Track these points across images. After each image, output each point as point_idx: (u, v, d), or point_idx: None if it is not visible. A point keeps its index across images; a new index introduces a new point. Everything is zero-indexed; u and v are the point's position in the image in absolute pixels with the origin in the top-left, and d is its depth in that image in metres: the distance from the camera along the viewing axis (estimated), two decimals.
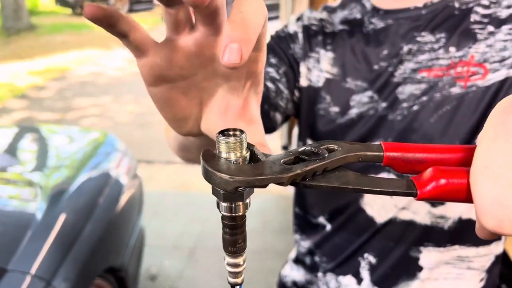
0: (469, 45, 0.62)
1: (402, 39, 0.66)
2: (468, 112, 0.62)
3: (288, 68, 0.72)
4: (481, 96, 0.61)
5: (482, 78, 0.61)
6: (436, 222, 0.67)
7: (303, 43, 0.74)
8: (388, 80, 0.66)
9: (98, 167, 1.92)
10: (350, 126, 0.69)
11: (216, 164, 0.27)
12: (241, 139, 0.28)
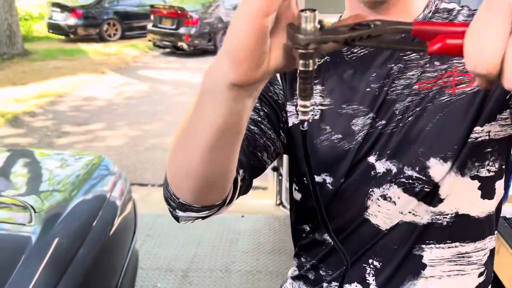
0: (452, 58, 0.69)
1: (389, 60, 0.71)
2: (460, 116, 0.67)
3: (270, 109, 0.75)
4: (471, 101, 0.67)
5: (469, 86, 0.67)
6: (436, 219, 0.72)
7: (284, 85, 0.77)
8: (385, 98, 0.71)
9: (92, 190, 1.94)
10: (357, 149, 0.72)
11: (297, 30, 0.39)
12: (315, 14, 0.38)
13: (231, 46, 0.39)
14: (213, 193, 0.58)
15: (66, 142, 4.79)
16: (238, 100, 0.44)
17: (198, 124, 0.49)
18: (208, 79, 0.45)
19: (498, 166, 0.72)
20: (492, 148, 0.70)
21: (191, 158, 0.52)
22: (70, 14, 10.43)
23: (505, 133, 0.70)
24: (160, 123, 5.40)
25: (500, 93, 0.67)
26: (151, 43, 10.04)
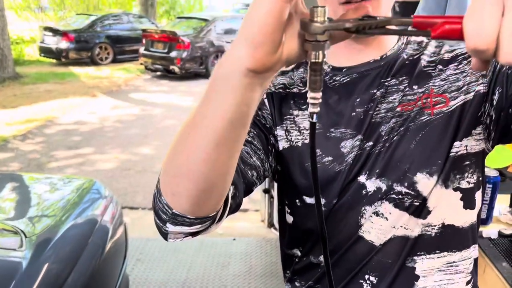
0: (427, 82, 0.75)
1: (371, 87, 0.77)
2: (440, 133, 0.73)
3: (259, 131, 0.78)
4: (449, 119, 0.73)
5: (445, 105, 0.74)
6: (425, 231, 0.76)
7: (272, 110, 0.81)
8: (371, 121, 0.76)
9: (83, 214, 1.93)
10: (348, 170, 0.76)
11: (312, 20, 0.44)
12: (325, 9, 0.44)
13: (250, 31, 0.42)
14: (211, 199, 0.57)
15: (56, 166, 4.77)
16: (251, 88, 0.46)
17: (208, 114, 0.49)
18: (221, 68, 0.46)
19: (476, 178, 0.77)
20: (470, 161, 0.75)
21: (195, 154, 0.51)
22: (62, 38, 10.50)
23: (480, 147, 0.76)
24: (151, 146, 5.41)
25: (474, 111, 0.73)
26: (143, 67, 10.12)
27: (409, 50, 0.79)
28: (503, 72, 0.70)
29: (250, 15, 0.43)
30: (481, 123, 0.74)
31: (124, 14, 12.28)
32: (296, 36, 0.46)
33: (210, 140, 0.50)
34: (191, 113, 0.52)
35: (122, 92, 8.46)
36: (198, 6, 19.28)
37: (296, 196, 0.82)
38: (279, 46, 0.44)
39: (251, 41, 0.43)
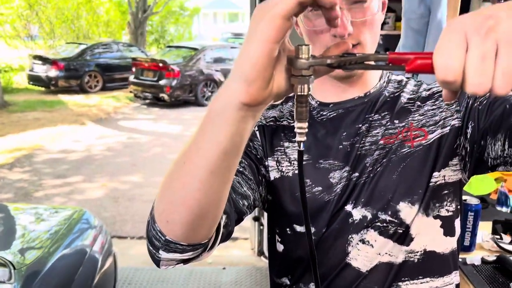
0: (407, 117, 0.82)
1: (356, 121, 0.82)
2: (420, 165, 0.78)
3: (250, 161, 0.82)
4: (427, 151, 0.79)
5: (424, 138, 0.79)
6: (408, 257, 0.80)
7: (263, 142, 0.86)
8: (357, 154, 0.81)
9: (73, 245, 1.93)
10: (337, 200, 0.81)
11: (297, 56, 0.48)
12: (309, 47, 0.49)
13: (244, 68, 0.47)
14: (204, 226, 0.59)
15: (43, 195, 4.72)
16: (244, 120, 0.50)
17: (203, 145, 0.52)
18: (216, 102, 0.51)
19: (455, 206, 0.82)
20: (448, 191, 0.81)
21: (190, 182, 0.54)
22: (52, 66, 10.54)
23: (457, 177, 0.81)
24: (140, 174, 5.40)
25: (450, 143, 0.79)
26: (132, 95, 10.17)
27: (390, 88, 0.86)
28: (475, 107, 0.76)
29: (244, 54, 0.47)
30: (457, 155, 0.79)
31: (114, 43, 12.41)
32: (284, 71, 0.51)
33: (205, 168, 0.53)
34: (187, 143, 0.56)
35: (111, 120, 8.48)
36: (187, 35, 19.59)
37: (287, 225, 0.85)
38: (270, 81, 0.49)
39: (245, 77, 0.47)
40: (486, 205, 1.81)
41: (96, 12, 16.87)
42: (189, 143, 0.55)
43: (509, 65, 0.38)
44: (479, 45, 0.38)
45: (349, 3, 0.73)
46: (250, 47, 0.47)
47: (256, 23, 0.46)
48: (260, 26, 0.46)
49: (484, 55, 0.38)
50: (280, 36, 0.46)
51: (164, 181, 0.58)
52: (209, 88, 9.81)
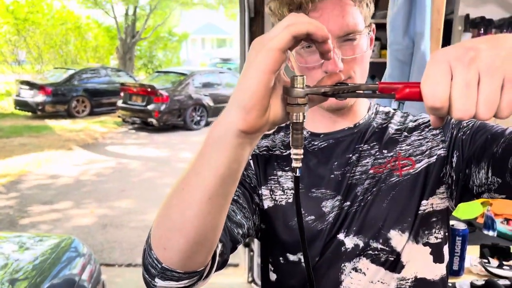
0: (395, 147, 0.85)
1: (347, 151, 0.85)
2: (408, 193, 0.81)
3: (244, 189, 0.84)
4: (415, 180, 0.81)
5: (412, 168, 0.82)
6: (400, 284, 0.81)
7: (257, 171, 0.88)
8: (348, 183, 0.83)
9: (61, 275, 1.90)
10: (329, 229, 0.82)
11: (293, 86, 0.52)
12: (303, 77, 0.52)
13: (242, 98, 0.49)
14: (200, 253, 0.59)
15: (29, 222, 4.64)
16: (242, 147, 0.52)
17: (202, 171, 0.54)
18: (215, 129, 0.53)
19: (443, 233, 0.85)
20: (436, 218, 0.83)
21: (188, 208, 0.55)
22: (39, 92, 10.51)
23: (444, 205, 0.84)
24: (128, 200, 5.35)
25: (437, 172, 0.82)
26: (120, 119, 10.16)
27: (378, 119, 0.89)
28: (459, 137, 0.80)
29: (242, 84, 0.50)
30: (444, 183, 0.82)
31: (102, 68, 12.46)
32: (280, 101, 0.53)
33: (203, 194, 0.54)
34: (185, 171, 0.57)
35: (99, 145, 8.43)
36: (176, 60, 19.76)
37: (280, 254, 0.87)
38: (267, 110, 0.51)
39: (244, 106, 0.50)
40: (473, 229, 1.84)
41: (84, 37, 16.98)
42: (188, 170, 0.56)
43: (490, 93, 0.41)
44: (463, 74, 0.42)
45: (340, 41, 0.77)
46: (248, 78, 0.49)
47: (254, 55, 0.49)
48: (258, 58, 0.48)
49: (468, 83, 0.42)
50: (277, 68, 0.49)
51: (161, 208, 0.59)
52: (198, 112, 9.86)
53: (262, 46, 0.49)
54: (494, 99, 0.42)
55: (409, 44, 1.46)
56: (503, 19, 2.35)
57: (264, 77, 0.48)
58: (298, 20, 0.49)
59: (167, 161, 7.24)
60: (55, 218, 4.75)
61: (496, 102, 0.42)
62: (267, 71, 0.48)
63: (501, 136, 0.72)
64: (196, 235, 0.56)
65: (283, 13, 0.79)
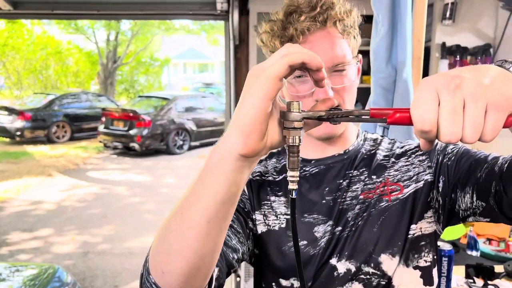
0: (383, 172, 0.88)
1: (337, 177, 0.88)
2: (398, 218, 0.84)
3: (239, 214, 0.85)
4: (404, 204, 0.84)
5: (400, 193, 0.85)
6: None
7: (251, 196, 0.90)
8: (340, 208, 0.85)
9: None
10: (321, 254, 0.84)
11: (290, 110, 0.54)
12: (299, 103, 0.55)
13: (242, 123, 0.52)
14: (198, 276, 0.60)
15: (7, 251, 4.50)
16: (241, 170, 0.54)
17: (201, 195, 0.55)
18: (215, 155, 0.55)
19: (432, 257, 0.87)
20: (425, 242, 0.86)
21: (187, 232, 0.56)
22: (18, 117, 10.35)
23: (432, 228, 0.87)
24: (111, 227, 5.26)
25: (424, 197, 0.85)
26: (102, 144, 10.06)
27: (367, 146, 0.93)
28: (444, 163, 0.84)
29: (241, 110, 0.52)
30: (431, 208, 0.85)
31: (83, 93, 12.38)
32: (277, 125, 0.56)
33: (202, 218, 0.55)
34: (183, 195, 0.59)
35: (80, 170, 8.30)
36: (157, 85, 19.78)
37: (273, 279, 0.88)
38: (265, 134, 0.54)
39: (243, 131, 0.52)
40: (457, 249, 1.88)
41: (65, 62, 16.88)
42: (187, 194, 0.58)
43: (475, 117, 0.44)
44: (449, 100, 0.45)
45: (330, 71, 0.81)
46: (247, 104, 0.52)
47: (252, 82, 0.52)
48: (256, 86, 0.51)
49: (454, 109, 0.44)
50: (274, 95, 0.51)
51: (160, 233, 0.60)
52: (181, 137, 9.84)
53: (259, 73, 0.51)
54: (478, 123, 0.44)
55: (392, 72, 1.53)
56: (477, 47, 2.47)
57: (262, 104, 0.51)
58: (294, 50, 0.52)
59: (150, 186, 7.16)
60: (35, 247, 4.63)
61: (480, 126, 0.45)
62: (265, 98, 0.51)
63: (484, 162, 0.76)
64: (195, 258, 0.57)
65: (275, 45, 0.83)
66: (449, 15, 2.43)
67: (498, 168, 0.73)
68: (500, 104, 0.45)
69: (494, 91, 0.45)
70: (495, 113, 0.45)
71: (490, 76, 0.47)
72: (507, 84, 0.47)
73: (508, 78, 0.48)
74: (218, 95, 14.64)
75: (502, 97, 0.45)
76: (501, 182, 0.71)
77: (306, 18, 0.80)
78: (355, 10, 0.86)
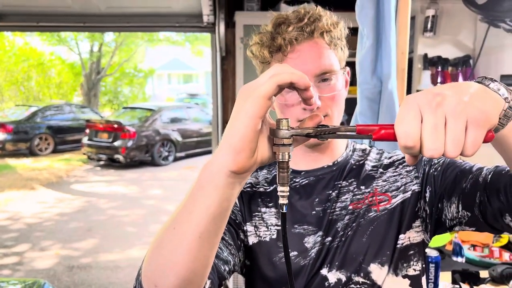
0: (372, 183, 0.89)
1: (327, 188, 0.90)
2: (386, 227, 0.85)
3: (230, 226, 0.86)
4: (392, 214, 0.86)
5: (388, 203, 0.86)
6: None
7: (242, 207, 0.91)
8: (330, 219, 0.87)
9: None
10: (312, 264, 0.85)
11: (279, 128, 0.56)
12: (288, 120, 0.56)
13: (233, 140, 0.53)
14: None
15: None
16: (232, 186, 0.56)
17: (193, 210, 0.56)
18: (207, 171, 0.56)
19: (420, 265, 0.89)
20: (413, 251, 0.87)
21: (180, 246, 0.57)
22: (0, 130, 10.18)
23: (420, 237, 0.88)
24: (95, 240, 5.17)
25: (412, 207, 0.87)
26: (86, 156, 9.93)
27: (356, 156, 0.95)
28: (431, 174, 0.86)
29: (232, 128, 0.54)
30: (419, 217, 0.87)
31: (66, 105, 12.23)
32: (267, 142, 0.58)
33: (194, 232, 0.57)
34: (175, 211, 0.60)
35: (63, 183, 8.17)
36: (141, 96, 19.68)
37: None
38: (255, 151, 0.55)
39: (234, 148, 0.53)
40: (443, 256, 1.91)
41: (47, 74, 16.68)
42: (179, 209, 0.59)
43: (456, 133, 0.46)
44: (431, 117, 0.47)
45: (317, 81, 0.83)
46: (237, 122, 0.53)
47: (242, 101, 0.54)
48: (247, 105, 0.53)
49: (436, 125, 0.46)
50: (263, 113, 0.53)
51: (152, 246, 0.61)
52: (166, 148, 9.79)
53: (249, 93, 0.53)
54: (459, 139, 0.46)
55: (377, 83, 1.57)
56: (458, 58, 2.54)
57: (252, 122, 0.53)
58: (282, 70, 0.54)
59: (135, 198, 7.09)
60: (17, 261, 4.52)
61: (461, 141, 0.46)
62: (254, 116, 0.52)
63: (469, 173, 0.79)
64: (187, 272, 0.58)
65: (263, 54, 0.86)
66: (430, 27, 2.50)
67: (482, 179, 0.75)
68: (480, 120, 0.47)
69: (474, 108, 0.47)
70: (475, 129, 0.47)
71: (470, 93, 0.49)
72: (486, 100, 0.49)
73: (488, 95, 0.50)
74: (203, 105, 14.62)
75: (482, 114, 0.47)
76: (485, 192, 0.73)
77: (294, 29, 0.82)
78: (342, 22, 0.88)
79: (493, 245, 1.94)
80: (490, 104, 0.49)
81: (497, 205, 0.72)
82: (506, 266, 1.64)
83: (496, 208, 0.72)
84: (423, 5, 2.51)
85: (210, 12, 2.87)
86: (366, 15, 1.58)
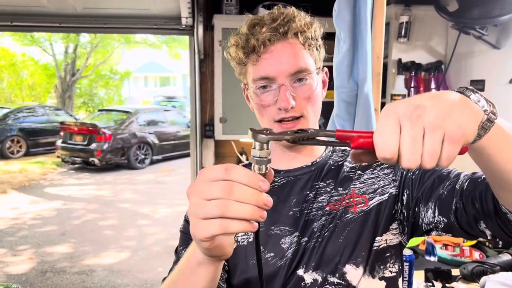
0: (349, 184, 0.90)
1: (304, 188, 0.90)
2: (362, 229, 0.85)
3: None
4: (368, 216, 0.86)
5: (365, 205, 0.87)
6: None
7: None
8: (306, 219, 0.87)
9: None
10: (288, 264, 0.85)
11: (258, 133, 0.55)
12: (269, 129, 0.56)
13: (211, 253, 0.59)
14: None
15: None
16: (220, 264, 0.64)
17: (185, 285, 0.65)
18: (194, 257, 0.63)
19: (397, 267, 0.90)
20: (390, 253, 0.88)
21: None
22: None
23: (397, 240, 0.89)
24: (70, 244, 5.07)
25: (389, 209, 0.88)
26: (60, 159, 9.71)
27: (335, 157, 0.96)
28: (409, 177, 0.87)
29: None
30: (396, 220, 0.88)
31: (39, 107, 11.96)
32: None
33: None
34: (170, 281, 0.70)
35: (36, 186, 7.97)
36: (117, 98, 19.39)
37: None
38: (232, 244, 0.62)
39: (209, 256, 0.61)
40: (417, 255, 1.96)
41: (20, 75, 16.27)
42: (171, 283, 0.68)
43: (433, 146, 0.47)
44: (410, 129, 0.47)
45: (292, 81, 0.84)
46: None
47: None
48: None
49: (414, 138, 0.47)
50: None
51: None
52: (142, 150, 9.67)
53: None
54: (436, 151, 0.47)
55: (354, 87, 1.61)
56: (430, 63, 2.63)
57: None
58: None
59: (110, 201, 6.98)
60: None
61: (437, 154, 0.47)
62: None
63: (446, 179, 0.80)
64: None
65: (239, 56, 0.87)
66: (404, 33, 2.58)
67: (459, 186, 0.76)
68: (456, 136, 0.47)
69: (451, 123, 0.47)
70: (450, 144, 0.47)
71: (450, 106, 0.49)
72: (465, 114, 0.49)
73: (467, 107, 0.50)
74: (181, 108, 14.52)
75: (459, 129, 0.47)
76: (461, 200, 0.74)
77: (267, 30, 0.83)
78: (316, 22, 0.89)
79: (464, 244, 2.00)
80: (469, 117, 0.49)
81: (472, 212, 0.73)
82: (476, 264, 1.70)
83: (471, 215, 0.73)
84: (397, 11, 2.58)
85: (189, 15, 2.87)
86: (342, 19, 1.61)
